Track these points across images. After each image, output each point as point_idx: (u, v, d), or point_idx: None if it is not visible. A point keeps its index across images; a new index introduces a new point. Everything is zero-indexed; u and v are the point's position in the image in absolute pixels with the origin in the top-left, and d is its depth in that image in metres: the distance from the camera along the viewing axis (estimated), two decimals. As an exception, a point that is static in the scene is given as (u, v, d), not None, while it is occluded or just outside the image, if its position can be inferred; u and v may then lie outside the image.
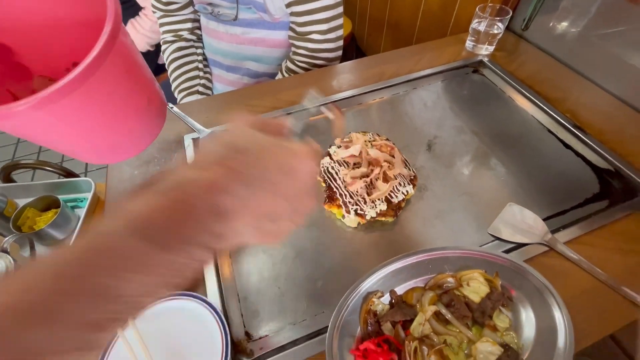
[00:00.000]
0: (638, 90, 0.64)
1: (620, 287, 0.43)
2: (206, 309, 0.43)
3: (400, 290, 0.44)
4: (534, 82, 0.71)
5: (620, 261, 0.46)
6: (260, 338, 0.43)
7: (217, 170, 0.22)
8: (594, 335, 0.40)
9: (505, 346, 0.38)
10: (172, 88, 0.97)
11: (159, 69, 1.34)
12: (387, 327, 0.41)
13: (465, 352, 0.39)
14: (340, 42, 0.86)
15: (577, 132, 0.61)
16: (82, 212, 0.67)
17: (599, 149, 0.58)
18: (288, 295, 0.46)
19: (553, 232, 0.49)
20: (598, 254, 0.46)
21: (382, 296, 0.43)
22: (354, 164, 0.56)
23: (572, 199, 0.54)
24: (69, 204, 0.71)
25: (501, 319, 0.40)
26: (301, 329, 0.43)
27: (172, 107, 0.70)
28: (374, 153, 0.55)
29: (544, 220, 0.50)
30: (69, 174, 0.77)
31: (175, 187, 0.21)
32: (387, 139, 0.60)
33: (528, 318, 0.40)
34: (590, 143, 0.59)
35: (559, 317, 0.38)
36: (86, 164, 1.81)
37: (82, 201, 0.73)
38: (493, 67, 0.75)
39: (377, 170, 0.53)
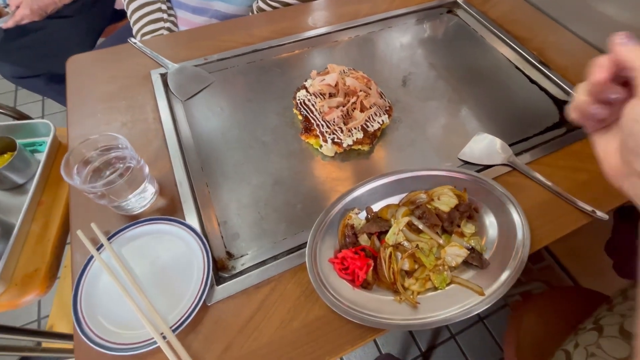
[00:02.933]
0: (599, 31, 0.68)
1: (571, 198, 0.47)
2: (185, 231, 0.43)
3: (376, 207, 0.46)
4: (504, 22, 0.72)
5: (572, 177, 0.50)
6: (241, 256, 0.44)
7: None
8: (549, 238, 0.44)
9: (470, 249, 0.42)
10: (133, 32, 0.90)
11: (116, 15, 1.23)
12: (363, 239, 0.43)
13: (435, 255, 0.42)
14: (315, -19, 0.82)
15: (542, 68, 0.64)
16: (42, 157, 0.62)
17: (561, 83, 0.62)
18: (268, 219, 0.47)
19: (516, 155, 0.52)
20: (554, 172, 0.50)
21: (359, 213, 0.45)
22: (330, 94, 0.55)
23: (534, 128, 0.57)
24: (27, 149, 0.66)
25: (468, 227, 0.43)
26: (282, 246, 0.44)
27: (135, 42, 0.65)
28: (350, 82, 0.54)
29: (509, 146, 0.53)
30: (23, 116, 0.71)
31: None
32: (363, 73, 0.60)
33: (491, 224, 0.44)
34: (554, 78, 0.63)
35: (517, 219, 0.42)
36: (42, 110, 1.67)
37: (41, 145, 0.67)
38: (466, 8, 0.75)
39: (353, 99, 0.54)
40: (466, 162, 0.53)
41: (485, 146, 0.54)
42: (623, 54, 0.24)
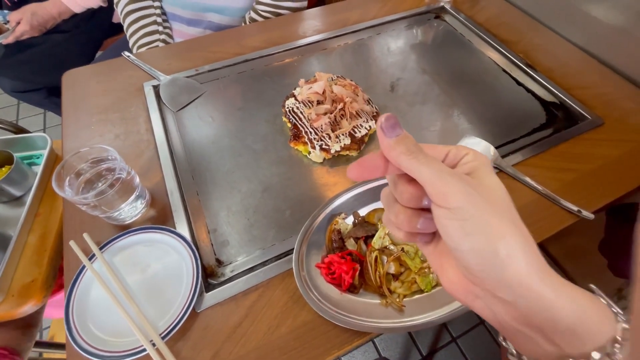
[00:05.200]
0: (584, 32, 0.68)
1: (557, 198, 0.47)
2: (175, 240, 0.43)
3: (362, 212, 0.47)
4: (491, 25, 0.73)
5: (558, 177, 0.50)
6: (230, 263, 0.44)
7: None
8: (535, 238, 0.44)
9: (456, 251, 0.42)
10: (130, 45, 0.92)
11: (113, 29, 1.26)
12: (350, 243, 0.43)
13: (421, 258, 0.42)
14: (305, -9, 0.84)
15: (528, 70, 0.65)
16: (39, 169, 0.64)
17: (547, 85, 0.62)
18: (257, 225, 0.48)
19: (503, 157, 0.53)
20: (541, 173, 0.51)
21: (346, 217, 0.46)
22: (318, 102, 0.56)
23: (521, 129, 0.58)
24: (25, 162, 0.67)
25: (453, 229, 0.44)
26: (270, 253, 0.45)
27: (128, 56, 0.67)
28: (337, 90, 0.55)
29: (496, 148, 0.54)
30: (21, 130, 0.72)
31: None
32: (351, 81, 0.61)
33: (477, 226, 0.44)
34: (540, 80, 0.63)
35: (503, 221, 0.42)
36: (43, 123, 1.70)
37: (38, 158, 0.69)
38: (453, 13, 0.77)
39: (340, 106, 0.54)
40: (453, 165, 0.53)
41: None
42: (403, 164, 0.20)
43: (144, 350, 0.36)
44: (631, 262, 0.17)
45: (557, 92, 0.61)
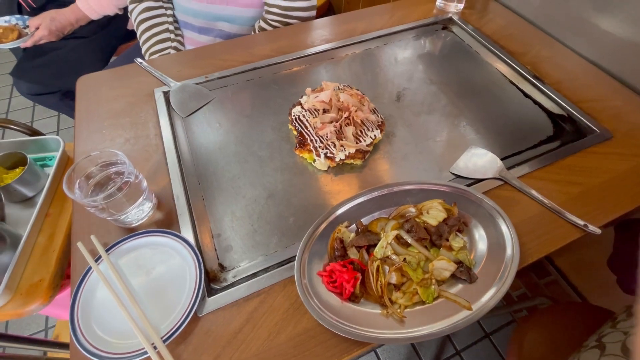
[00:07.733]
0: (593, 45, 0.68)
1: (562, 211, 0.47)
2: (180, 244, 0.44)
3: (365, 221, 0.47)
4: (499, 37, 0.74)
5: (564, 191, 0.50)
6: (233, 268, 0.45)
7: None
8: (539, 252, 0.44)
9: (458, 263, 0.42)
10: (143, 51, 0.94)
11: (128, 35, 1.29)
12: (352, 252, 0.43)
13: (424, 269, 0.42)
14: (314, 1, 0.86)
15: (536, 82, 0.65)
16: (51, 171, 0.66)
17: (555, 97, 0.62)
18: (260, 231, 0.48)
19: (509, 168, 0.53)
20: (547, 186, 0.50)
21: (349, 226, 0.46)
22: (324, 110, 0.57)
23: (528, 141, 0.57)
24: (38, 163, 0.69)
25: (456, 241, 0.44)
26: (273, 259, 0.45)
27: (140, 62, 0.69)
28: (344, 97, 0.56)
29: (502, 159, 0.54)
30: (35, 132, 0.74)
31: None
32: (357, 90, 0.61)
33: (481, 237, 0.44)
34: (547, 92, 0.63)
35: (507, 233, 0.42)
36: (57, 125, 1.74)
37: (50, 159, 0.71)
38: (461, 24, 0.77)
39: (345, 115, 0.55)
40: (458, 176, 0.53)
41: (478, 160, 0.54)
42: None
43: (146, 352, 0.36)
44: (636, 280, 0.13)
45: (564, 104, 0.61)
